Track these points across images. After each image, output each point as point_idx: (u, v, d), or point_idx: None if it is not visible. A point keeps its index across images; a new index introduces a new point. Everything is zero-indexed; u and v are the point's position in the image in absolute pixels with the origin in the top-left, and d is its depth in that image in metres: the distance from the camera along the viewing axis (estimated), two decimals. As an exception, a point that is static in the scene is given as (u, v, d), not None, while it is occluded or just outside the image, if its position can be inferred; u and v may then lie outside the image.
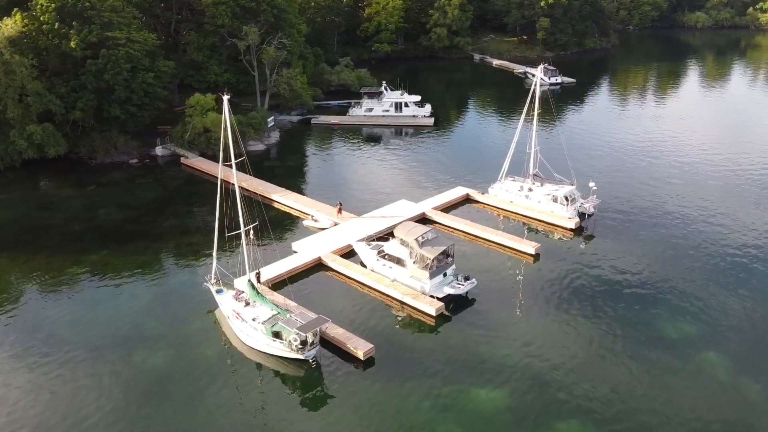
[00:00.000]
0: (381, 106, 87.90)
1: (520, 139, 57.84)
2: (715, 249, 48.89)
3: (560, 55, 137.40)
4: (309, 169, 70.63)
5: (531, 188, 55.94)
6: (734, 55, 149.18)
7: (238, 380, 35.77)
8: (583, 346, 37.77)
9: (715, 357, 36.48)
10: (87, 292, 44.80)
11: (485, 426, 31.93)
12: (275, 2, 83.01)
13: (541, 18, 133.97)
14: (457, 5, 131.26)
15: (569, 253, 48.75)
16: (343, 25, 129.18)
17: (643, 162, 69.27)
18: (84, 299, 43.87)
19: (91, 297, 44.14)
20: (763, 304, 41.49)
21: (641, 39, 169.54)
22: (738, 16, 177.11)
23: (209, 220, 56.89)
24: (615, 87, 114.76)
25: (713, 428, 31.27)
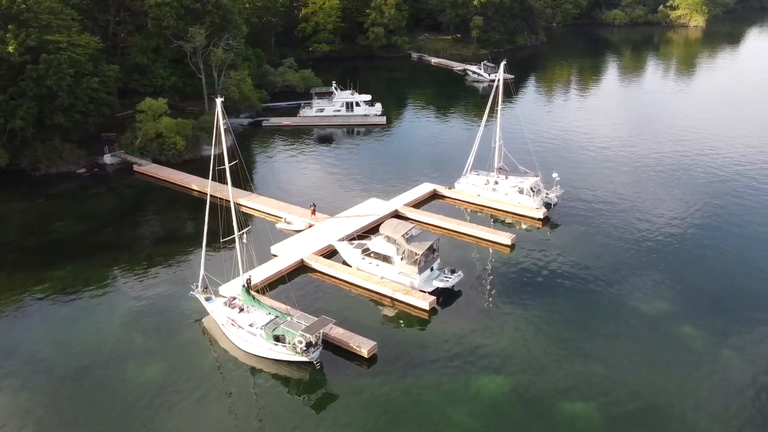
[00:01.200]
0: (332, 106, 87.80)
1: (476, 133, 59.31)
2: (672, 229, 52.31)
3: (494, 53, 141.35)
4: (271, 172, 69.60)
5: (497, 181, 57.72)
6: (649, 49, 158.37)
7: (241, 388, 35.27)
8: (572, 329, 39.66)
9: (691, 330, 39.24)
10: (59, 310, 42.59)
11: (494, 412, 33.05)
12: (221, 3, 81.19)
13: (475, 17, 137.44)
14: (394, 5, 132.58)
15: (542, 242, 50.82)
16: (279, 26, 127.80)
17: (594, 151, 72.85)
18: (58, 318, 41.70)
19: (65, 315, 42.02)
20: (726, 277, 44.95)
21: (565, 36, 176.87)
22: (650, 14, 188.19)
23: (177, 228, 55.78)
24: (550, 81, 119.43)
25: (700, 396, 33.68)
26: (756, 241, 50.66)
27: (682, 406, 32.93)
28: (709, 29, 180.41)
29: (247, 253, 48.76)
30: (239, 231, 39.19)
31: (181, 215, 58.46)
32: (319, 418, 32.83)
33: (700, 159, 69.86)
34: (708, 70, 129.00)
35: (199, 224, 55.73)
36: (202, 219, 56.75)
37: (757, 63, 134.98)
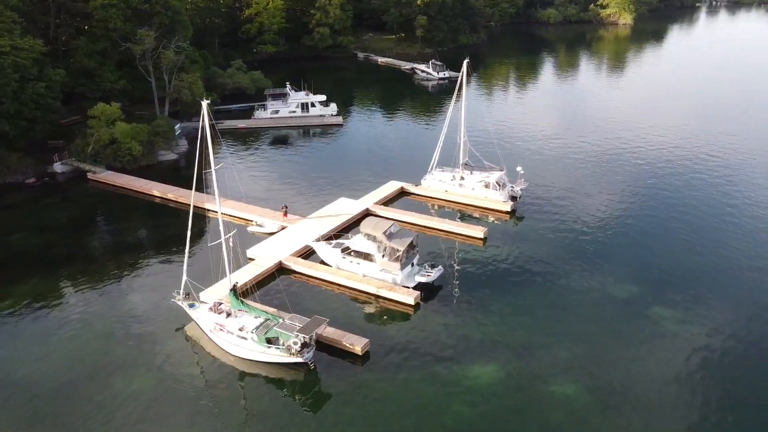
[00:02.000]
0: (287, 108, 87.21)
1: (440, 130, 60.43)
2: (630, 217, 55.08)
3: (438, 51, 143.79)
4: (233, 175, 68.29)
5: (463, 176, 59.02)
6: (583, 47, 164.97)
7: (235, 394, 34.85)
8: (551, 315, 41.23)
9: (660, 309, 41.56)
10: (29, 326, 40.68)
11: (489, 399, 34.00)
12: (169, 3, 79.19)
13: (419, 16, 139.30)
14: (338, 5, 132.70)
15: (512, 234, 52.43)
16: (223, 27, 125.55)
17: (550, 144, 75.39)
18: (29, 334, 39.84)
19: (37, 330, 40.19)
20: (683, 258, 47.78)
21: (503, 34, 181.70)
22: (582, 12, 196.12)
23: (144, 236, 54.29)
24: (497, 78, 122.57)
25: (676, 368, 35.80)
26: (705, 222, 53.99)
27: (662, 379, 34.89)
28: (636, 27, 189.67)
29: (222, 258, 48.46)
30: (226, 234, 38.38)
31: (145, 223, 56.85)
32: (319, 419, 32.87)
33: (645, 150, 73.64)
34: (641, 65, 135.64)
35: (165, 231, 55.03)
36: (168, 226, 56.25)
37: (684, 58, 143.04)
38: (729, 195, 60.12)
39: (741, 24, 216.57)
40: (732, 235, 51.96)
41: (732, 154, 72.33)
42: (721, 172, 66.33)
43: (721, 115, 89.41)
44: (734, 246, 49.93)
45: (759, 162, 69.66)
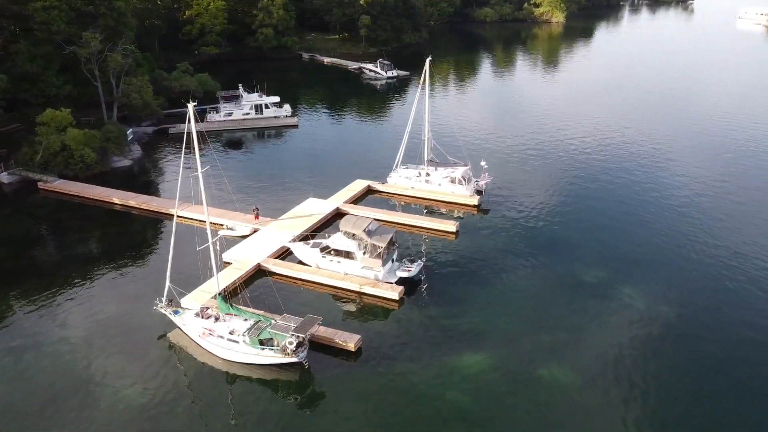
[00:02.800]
0: (241, 110, 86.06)
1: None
2: (589, 203, 57.79)
3: (382, 50, 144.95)
4: (194, 180, 66.68)
5: (429, 173, 60.18)
6: (518, 44, 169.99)
7: (231, 398, 34.52)
8: (530, 303, 42.89)
9: (630, 291, 43.95)
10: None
11: (481, 386, 35.11)
12: (114, 5, 76.64)
13: (363, 16, 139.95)
14: (281, 5, 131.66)
15: (482, 227, 53.96)
16: (163, 29, 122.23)
17: (508, 138, 77.56)
18: (1, 352, 38.06)
19: (8, 348, 38.38)
20: (645, 242, 50.56)
21: (442, 33, 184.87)
22: (517, 11, 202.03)
23: (109, 245, 52.64)
24: (442, 75, 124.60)
25: (653, 345, 38.05)
26: (656, 205, 57.28)
27: (638, 355, 37.01)
28: (568, 24, 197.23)
29: (196, 263, 47.71)
30: (213, 238, 37.90)
31: (108, 231, 55.00)
32: (319, 416, 33.06)
33: (595, 141, 77.11)
34: (578, 61, 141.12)
35: (131, 239, 53.55)
36: (133, 233, 54.75)
37: (615, 53, 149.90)
38: (672, 179, 63.90)
39: (661, 21, 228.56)
40: (679, 214, 55.37)
41: (670, 141, 76.79)
42: (664, 157, 70.38)
43: (655, 106, 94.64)
44: (684, 226, 53.25)
45: (692, 146, 74.31)
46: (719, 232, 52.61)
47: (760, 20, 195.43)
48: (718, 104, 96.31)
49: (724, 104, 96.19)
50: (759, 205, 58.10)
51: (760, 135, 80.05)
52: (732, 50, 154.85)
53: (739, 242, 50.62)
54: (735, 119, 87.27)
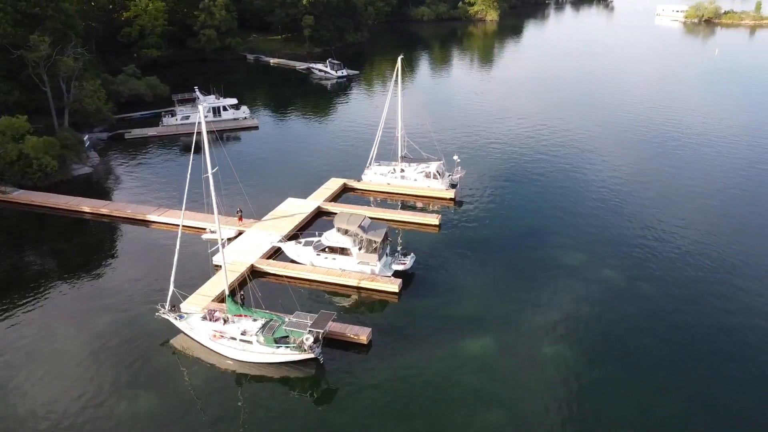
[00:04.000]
0: (198, 113, 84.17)
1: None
2: (559, 190, 60.81)
3: (330, 50, 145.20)
4: (164, 184, 65.03)
5: (403, 169, 61.50)
6: (458, 41, 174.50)
7: (250, 397, 34.57)
8: (519, 287, 44.99)
9: (610, 272, 46.86)
10: (-8, 362, 37.21)
11: (490, 368, 36.75)
12: (61, 6, 73.58)
13: (306, 16, 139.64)
14: (223, 6, 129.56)
15: (461, 219, 55.80)
16: (100, 31, 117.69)
17: (470, 134, 79.90)
18: (8, 364, 36.57)
19: (2, 365, 36.85)
20: (619, 225, 53.86)
21: (381, 32, 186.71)
22: (452, 10, 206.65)
23: (88, 255, 51.11)
24: (392, 73, 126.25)
25: (638, 321, 40.92)
26: (621, 189, 61.03)
27: (628, 329, 39.81)
28: (502, 23, 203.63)
29: (185, 269, 47.17)
30: (223, 238, 37.65)
31: (84, 241, 53.08)
32: (338, 410, 33.56)
33: (550, 133, 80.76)
34: (517, 57, 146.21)
35: (110, 247, 52.05)
36: (111, 241, 53.45)
37: (549, 48, 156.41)
38: (626, 165, 68.14)
39: (585, 19, 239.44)
40: (641, 197, 59.26)
41: (607, 131, 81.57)
42: (616, 145, 74.83)
43: (593, 99, 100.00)
44: (648, 208, 57.11)
45: (635, 135, 79.36)
46: (682, 213, 56.73)
47: (677, 17, 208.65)
48: (656, 93, 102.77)
49: (658, 92, 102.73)
50: (710, 186, 62.91)
51: (695, 121, 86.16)
52: (653, 44, 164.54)
53: (700, 221, 54.83)
54: (671, 106, 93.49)
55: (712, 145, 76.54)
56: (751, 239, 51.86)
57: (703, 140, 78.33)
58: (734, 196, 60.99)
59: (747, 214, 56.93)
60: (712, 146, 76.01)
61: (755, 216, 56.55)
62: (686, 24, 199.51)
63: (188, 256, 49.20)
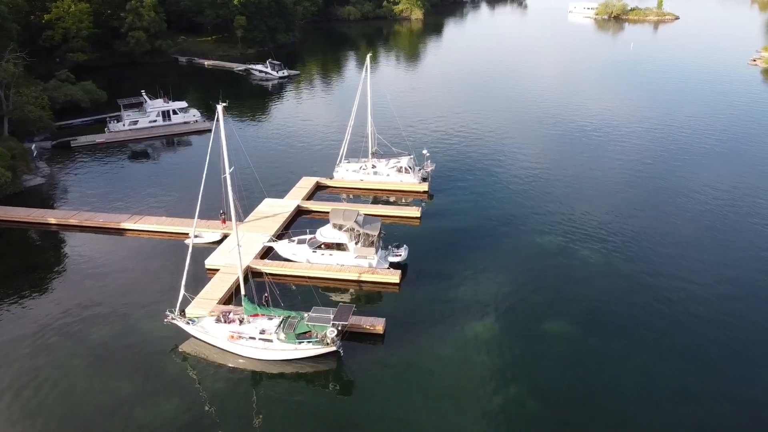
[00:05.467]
0: (147, 117, 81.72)
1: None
2: (526, 178, 64.07)
3: (260, 51, 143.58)
4: (127, 192, 62.59)
5: (374, 165, 62.68)
6: (382, 40, 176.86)
7: (279, 395, 34.74)
8: (509, 271, 47.43)
9: (587, 252, 50.23)
10: None
11: (499, 347, 38.76)
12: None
13: (237, 16, 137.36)
14: (151, 6, 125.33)
15: (439, 210, 57.75)
16: (20, 34, 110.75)
17: (430, 126, 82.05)
18: (12, 384, 34.78)
19: (9, 385, 35.05)
20: (590, 206, 57.55)
21: (310, 32, 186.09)
22: (378, 9, 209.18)
23: (66, 268, 48.95)
24: (331, 72, 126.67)
25: (616, 295, 44.35)
26: (590, 173, 65.17)
27: (613, 302, 43.09)
28: (427, 21, 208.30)
29: (176, 274, 46.34)
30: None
31: (58, 254, 50.59)
32: (367, 398, 34.42)
33: (499, 123, 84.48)
34: (446, 53, 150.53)
35: (87, 258, 49.96)
36: (89, 251, 51.37)
37: (482, 43, 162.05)
38: (590, 149, 72.70)
39: (501, 17, 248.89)
40: (599, 182, 63.60)
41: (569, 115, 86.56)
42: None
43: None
44: (609, 191, 61.43)
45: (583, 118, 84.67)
46: (637, 196, 61.40)
47: (588, 14, 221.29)
48: (595, 84, 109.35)
49: (596, 84, 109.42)
50: (660, 168, 68.27)
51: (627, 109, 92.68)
52: (575, 39, 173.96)
53: (646, 203, 59.61)
54: (610, 97, 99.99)
55: (656, 132, 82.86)
56: (687, 214, 57.12)
57: (646, 127, 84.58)
58: (682, 178, 66.62)
59: (683, 194, 62.47)
60: (657, 133, 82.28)
61: (692, 195, 62.15)
62: (597, 20, 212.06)
63: (177, 262, 48.31)
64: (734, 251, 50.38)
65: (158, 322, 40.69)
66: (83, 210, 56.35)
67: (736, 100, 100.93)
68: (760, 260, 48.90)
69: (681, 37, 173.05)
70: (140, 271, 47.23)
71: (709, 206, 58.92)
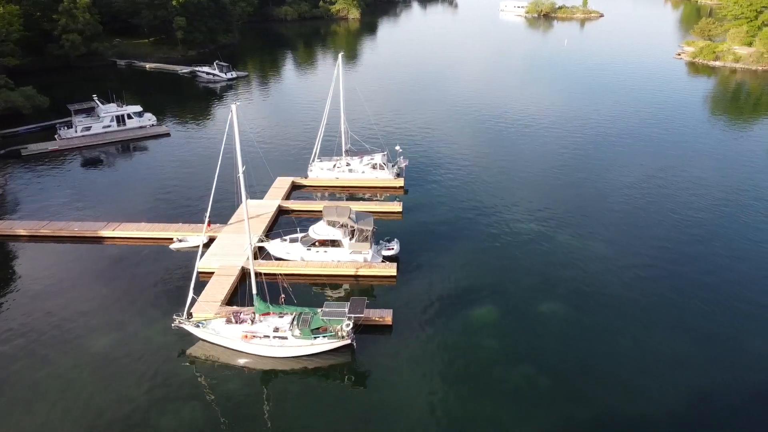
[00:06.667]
0: (100, 123, 78.71)
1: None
2: (495, 168, 66.43)
3: (200, 53, 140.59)
4: (93, 199, 60.06)
5: (348, 162, 63.30)
6: (320, 40, 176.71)
7: (299, 391, 34.98)
8: (497, 255, 49.45)
9: (566, 237, 52.91)
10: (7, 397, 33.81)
11: (501, 329, 40.46)
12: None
13: (177, 17, 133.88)
14: (85, 8, 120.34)
15: (418, 204, 59.02)
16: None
17: (395, 122, 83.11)
18: (15, 400, 33.28)
19: (14, 399, 33.63)
20: (566, 194, 60.37)
21: (248, 32, 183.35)
22: (314, 9, 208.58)
23: (41, 280, 46.92)
24: (279, 72, 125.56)
25: (598, 274, 47.14)
26: (559, 161, 68.26)
27: (595, 280, 45.81)
28: (364, 20, 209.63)
29: (169, 279, 45.65)
30: (255, 240, 37.29)
31: (34, 265, 48.31)
32: (385, 388, 35.13)
33: (479, 112, 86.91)
34: (394, 50, 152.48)
35: (67, 269, 48.02)
36: (63, 264, 49.26)
37: (421, 41, 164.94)
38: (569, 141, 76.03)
39: (433, 16, 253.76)
40: (571, 168, 66.87)
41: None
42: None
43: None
44: (575, 179, 64.69)
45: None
46: (605, 181, 64.98)
47: (519, 12, 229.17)
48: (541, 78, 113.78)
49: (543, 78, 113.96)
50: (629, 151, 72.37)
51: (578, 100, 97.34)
52: (510, 37, 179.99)
53: (617, 185, 63.29)
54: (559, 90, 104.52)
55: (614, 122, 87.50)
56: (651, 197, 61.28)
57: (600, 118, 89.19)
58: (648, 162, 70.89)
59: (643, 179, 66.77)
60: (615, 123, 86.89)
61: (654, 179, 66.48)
62: (528, 18, 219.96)
63: (163, 268, 47.56)
64: (660, 230, 54.48)
65: (157, 328, 40.11)
66: (54, 220, 54.00)
67: (668, 88, 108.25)
68: (698, 227, 53.14)
69: (609, 33, 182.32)
70: (127, 279, 45.98)
71: (666, 190, 63.20)
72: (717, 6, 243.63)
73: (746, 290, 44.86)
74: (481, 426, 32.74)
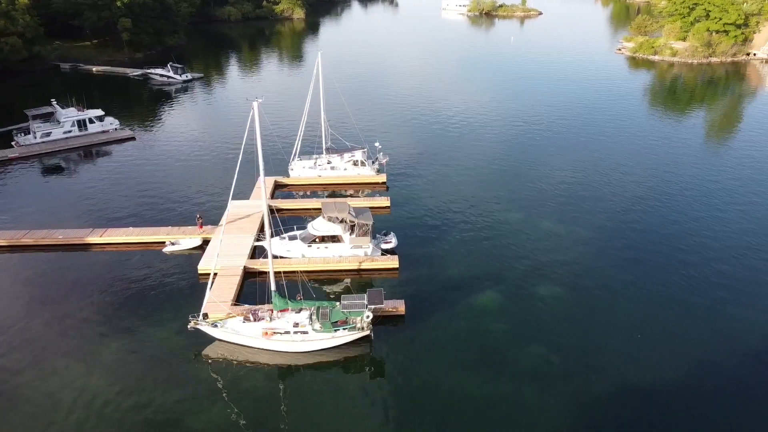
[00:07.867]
0: (61, 128, 75.80)
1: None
2: (472, 161, 68.38)
3: (147, 55, 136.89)
4: (67, 206, 57.95)
5: (330, 160, 63.75)
6: (264, 40, 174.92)
7: (321, 384, 35.41)
8: (489, 244, 51.28)
9: (549, 224, 55.33)
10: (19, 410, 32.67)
11: (504, 314, 42.14)
12: None
13: (122, 18, 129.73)
14: (25, 9, 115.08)
15: (404, 198, 60.17)
16: None
17: (377, 120, 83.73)
18: (32, 414, 32.25)
19: (29, 414, 32.63)
20: (548, 184, 62.85)
21: (192, 33, 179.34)
22: (258, 9, 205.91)
23: (32, 290, 45.24)
24: (233, 73, 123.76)
25: (583, 255, 49.73)
26: (558, 148, 70.81)
27: (585, 264, 48.29)
28: (308, 20, 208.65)
29: (168, 282, 45.16)
30: (272, 236, 37.35)
31: (16, 274, 46.52)
32: (407, 376, 36.09)
33: (442, 109, 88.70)
34: (346, 50, 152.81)
35: (59, 277, 46.52)
36: (52, 273, 47.85)
37: (379, 38, 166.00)
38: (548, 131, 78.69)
39: (375, 15, 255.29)
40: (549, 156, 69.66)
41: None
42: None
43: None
44: (559, 169, 67.49)
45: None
46: (584, 173, 68.06)
47: (461, 10, 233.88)
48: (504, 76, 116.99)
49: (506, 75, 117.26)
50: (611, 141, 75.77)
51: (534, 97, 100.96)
52: (456, 35, 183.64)
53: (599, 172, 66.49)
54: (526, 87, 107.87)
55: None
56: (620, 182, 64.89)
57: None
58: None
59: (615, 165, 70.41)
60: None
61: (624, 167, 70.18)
62: (469, 17, 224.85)
63: (159, 271, 46.88)
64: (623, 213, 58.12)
65: (167, 331, 39.79)
66: (34, 228, 51.99)
67: (610, 82, 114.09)
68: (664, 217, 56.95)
69: (549, 31, 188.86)
70: (125, 285, 45.04)
71: (630, 177, 66.92)
72: (644, 4, 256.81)
73: (722, 264, 48.44)
74: (505, 405, 34.21)
